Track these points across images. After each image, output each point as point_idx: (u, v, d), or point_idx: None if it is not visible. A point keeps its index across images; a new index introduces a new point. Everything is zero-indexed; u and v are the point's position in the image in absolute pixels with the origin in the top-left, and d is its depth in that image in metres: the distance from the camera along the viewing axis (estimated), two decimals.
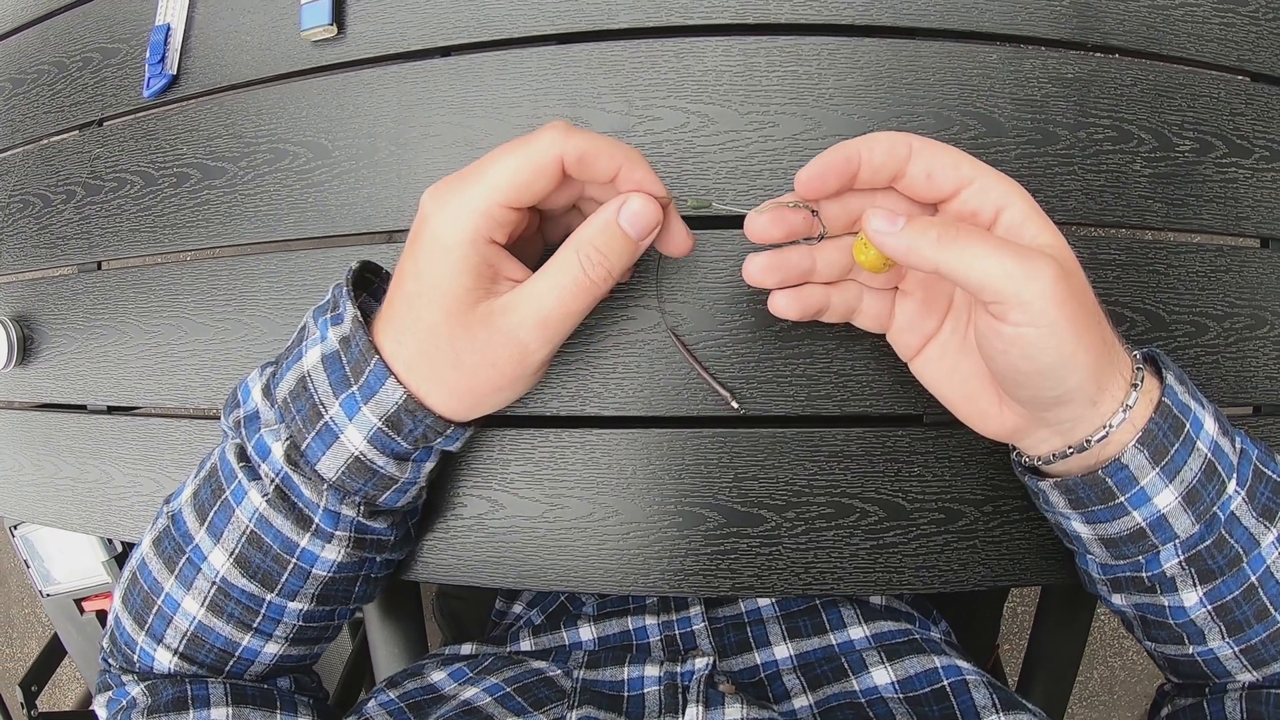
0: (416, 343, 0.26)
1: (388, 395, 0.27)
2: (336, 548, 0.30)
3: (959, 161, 0.25)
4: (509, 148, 0.25)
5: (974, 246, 0.23)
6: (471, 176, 0.25)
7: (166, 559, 0.31)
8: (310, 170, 0.38)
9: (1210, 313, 0.36)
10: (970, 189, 0.25)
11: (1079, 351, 0.24)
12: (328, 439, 0.28)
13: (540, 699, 0.31)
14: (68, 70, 0.45)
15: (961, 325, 0.29)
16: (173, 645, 0.31)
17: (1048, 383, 0.25)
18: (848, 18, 0.35)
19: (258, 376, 0.30)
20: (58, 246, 0.45)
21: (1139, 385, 0.26)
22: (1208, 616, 0.28)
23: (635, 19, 0.35)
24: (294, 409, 0.28)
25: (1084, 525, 0.28)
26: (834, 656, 0.34)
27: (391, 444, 0.28)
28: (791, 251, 0.28)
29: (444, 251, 0.25)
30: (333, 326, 0.28)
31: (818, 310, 0.29)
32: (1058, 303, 0.23)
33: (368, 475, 0.29)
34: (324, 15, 0.37)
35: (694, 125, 0.34)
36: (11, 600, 1.40)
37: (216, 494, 0.30)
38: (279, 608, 0.31)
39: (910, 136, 0.25)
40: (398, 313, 0.27)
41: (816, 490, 0.34)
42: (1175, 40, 0.36)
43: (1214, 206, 0.36)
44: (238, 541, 0.29)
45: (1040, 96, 0.35)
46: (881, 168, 0.25)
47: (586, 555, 0.34)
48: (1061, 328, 0.23)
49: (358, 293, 0.30)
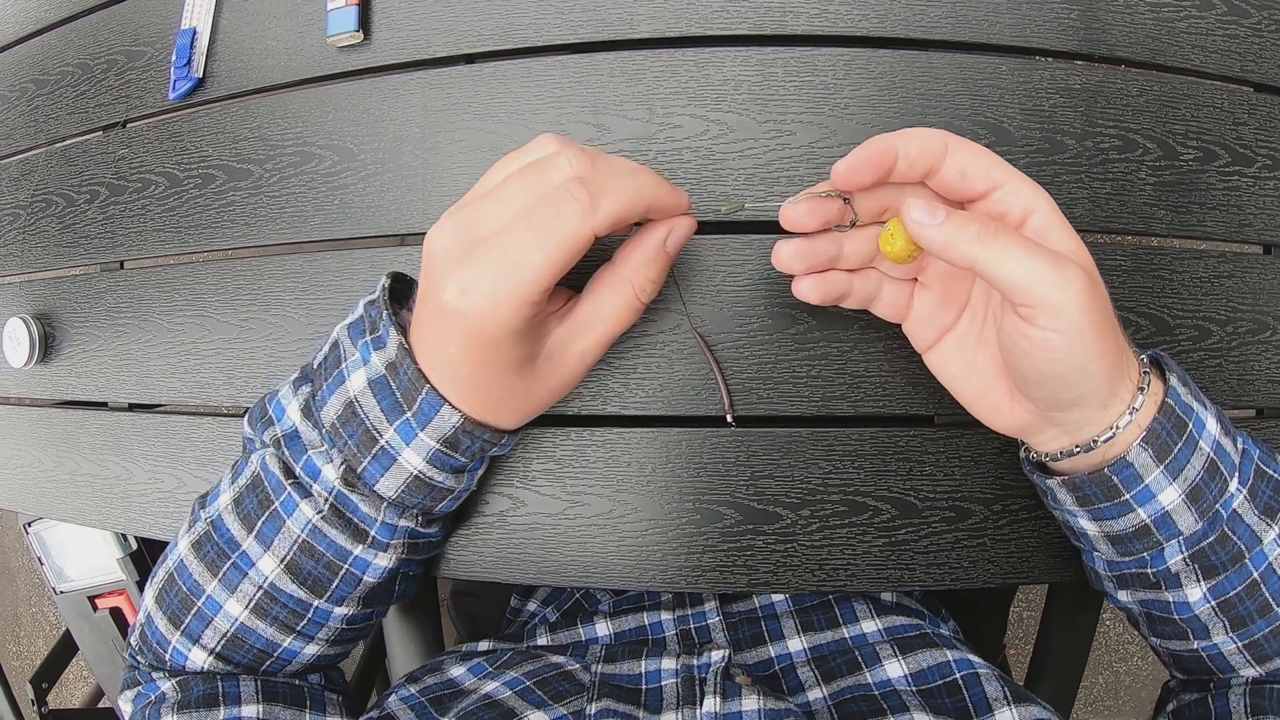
0: (474, 388, 0.27)
1: (445, 420, 0.27)
2: (390, 555, 0.30)
3: (991, 163, 0.25)
4: (535, 226, 0.23)
5: (1012, 248, 0.23)
6: (497, 262, 0.24)
7: (209, 562, 0.31)
8: (336, 173, 0.39)
9: (1214, 317, 0.37)
10: (1001, 190, 0.25)
11: (1098, 358, 0.25)
12: (385, 462, 0.28)
13: (560, 692, 0.31)
14: (92, 72, 0.46)
15: (978, 320, 0.29)
16: (209, 645, 0.31)
17: (1065, 386, 0.25)
18: (863, 29, 0.35)
19: (290, 393, 0.30)
20: (80, 245, 0.46)
21: (1145, 389, 0.27)
22: (1211, 612, 0.29)
23: (656, 29, 0.36)
24: (345, 434, 0.28)
25: (1090, 522, 0.29)
26: (847, 650, 0.35)
27: (450, 461, 0.29)
28: (820, 239, 0.28)
29: (500, 340, 0.25)
30: (375, 351, 0.28)
31: (839, 296, 0.30)
32: (1086, 310, 0.23)
33: (426, 490, 0.29)
34: (350, 22, 0.38)
35: (713, 133, 0.35)
36: (20, 598, 1.40)
37: (264, 504, 0.30)
38: (325, 612, 0.31)
39: (946, 134, 0.25)
40: (447, 368, 0.26)
41: (831, 488, 0.35)
42: (1180, 52, 0.37)
43: (1217, 214, 0.37)
44: (289, 549, 0.30)
45: (1048, 106, 0.36)
46: (916, 162, 0.25)
47: (606, 552, 0.35)
48: (1086, 335, 0.24)
49: (392, 306, 0.29)
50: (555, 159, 0.25)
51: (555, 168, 0.25)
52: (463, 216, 0.25)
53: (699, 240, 0.34)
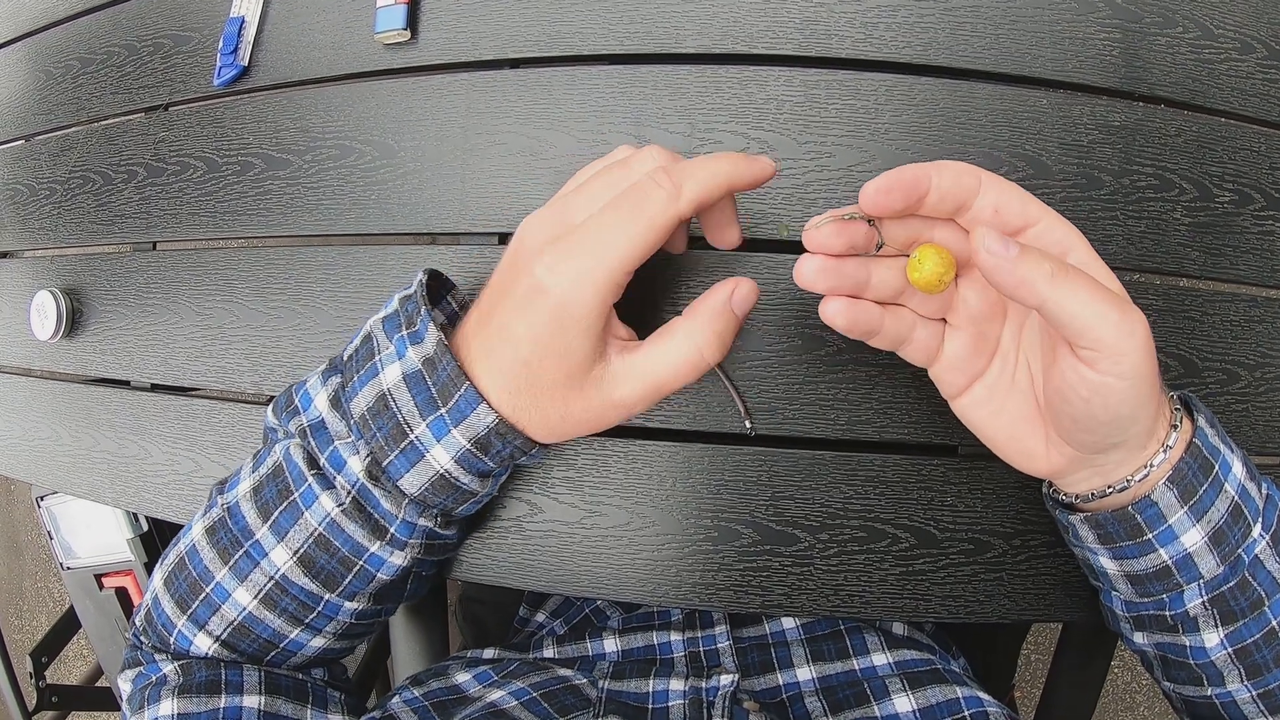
0: (530, 392, 0.27)
1: (480, 420, 0.27)
2: (406, 554, 0.30)
3: (1026, 201, 0.25)
4: (623, 211, 0.25)
5: (1083, 290, 0.23)
6: (586, 243, 0.25)
7: (221, 549, 0.31)
8: (374, 169, 0.39)
9: (1243, 361, 0.37)
10: (1035, 228, 0.25)
11: (1148, 404, 0.24)
12: (412, 457, 0.28)
13: (566, 706, 0.31)
14: (138, 54, 0.47)
15: (1010, 366, 0.29)
16: (215, 632, 0.31)
17: (1114, 430, 0.25)
18: (906, 56, 0.36)
19: (319, 384, 0.30)
20: (115, 224, 0.46)
21: (1178, 427, 0.26)
22: (1228, 659, 0.29)
23: (702, 45, 0.36)
24: (374, 426, 0.28)
25: (1111, 561, 0.29)
26: (856, 681, 0.35)
27: (478, 464, 0.28)
28: (848, 260, 0.27)
29: (573, 322, 0.25)
30: (412, 345, 0.28)
31: (867, 330, 0.28)
32: (1148, 357, 0.23)
33: (450, 491, 0.29)
34: (399, 20, 0.38)
35: (753, 150, 0.35)
36: (25, 573, 1.41)
37: (283, 494, 0.30)
38: (335, 606, 0.31)
39: (979, 170, 0.25)
40: (503, 352, 0.27)
41: (851, 513, 0.34)
42: (1219, 94, 0.37)
43: (1250, 258, 0.37)
44: (304, 542, 0.29)
45: (1087, 142, 0.36)
46: (948, 195, 0.25)
47: (620, 564, 0.35)
48: (1143, 382, 0.24)
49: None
50: (640, 155, 0.27)
51: (640, 161, 0.27)
52: (555, 208, 0.27)
53: (730, 257, 0.34)
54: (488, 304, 0.28)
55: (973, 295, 0.28)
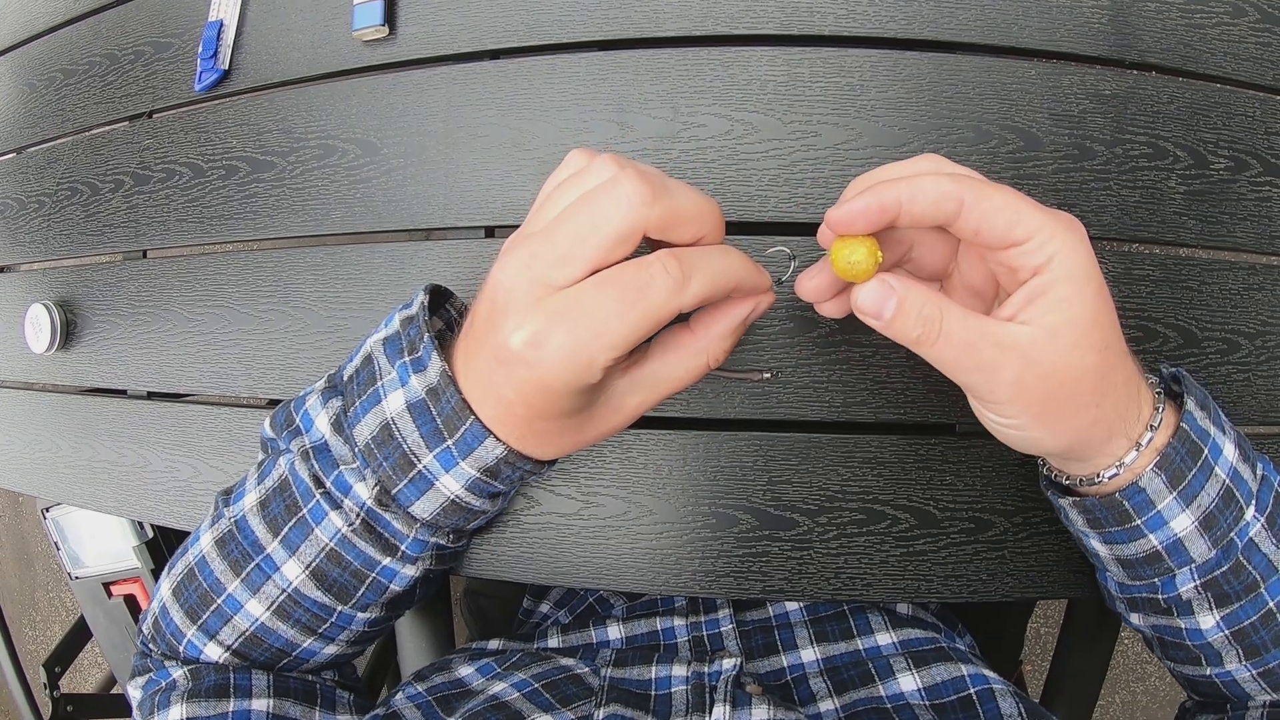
0: (524, 427, 0.26)
1: (488, 452, 0.26)
2: (418, 566, 0.30)
3: (1014, 224, 0.23)
4: (622, 289, 0.22)
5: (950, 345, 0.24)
6: (574, 316, 0.22)
7: (232, 562, 0.31)
8: (359, 167, 0.39)
9: (1242, 330, 0.36)
10: (1017, 250, 0.24)
11: (1050, 438, 0.26)
12: (422, 486, 0.28)
13: (568, 696, 0.31)
14: (119, 63, 0.47)
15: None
16: (226, 642, 0.31)
17: (1032, 451, 0.28)
18: (890, 31, 0.35)
19: (319, 404, 0.30)
20: (104, 234, 0.46)
21: (1156, 426, 0.26)
22: (1225, 640, 0.28)
23: (682, 27, 0.36)
24: (380, 455, 0.28)
25: (1101, 545, 0.29)
26: (861, 662, 0.35)
27: (488, 488, 0.28)
28: (844, 293, 0.28)
29: (554, 397, 0.24)
30: (415, 373, 0.27)
31: None
32: (1023, 407, 0.25)
33: (461, 513, 0.29)
34: (376, 16, 0.38)
35: (738, 133, 0.35)
36: (37, 583, 1.42)
37: (291, 510, 0.30)
38: (349, 617, 0.31)
39: (964, 188, 0.23)
40: (498, 405, 0.26)
41: (849, 496, 0.34)
42: (1212, 59, 0.37)
43: (1247, 225, 0.36)
44: (315, 557, 0.29)
45: (1078, 112, 0.35)
46: (922, 219, 0.24)
47: (620, 554, 0.35)
48: (1031, 426, 0.25)
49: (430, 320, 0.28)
50: (594, 166, 0.24)
51: (593, 173, 0.24)
52: (532, 250, 0.23)
53: None
54: (475, 340, 0.26)
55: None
